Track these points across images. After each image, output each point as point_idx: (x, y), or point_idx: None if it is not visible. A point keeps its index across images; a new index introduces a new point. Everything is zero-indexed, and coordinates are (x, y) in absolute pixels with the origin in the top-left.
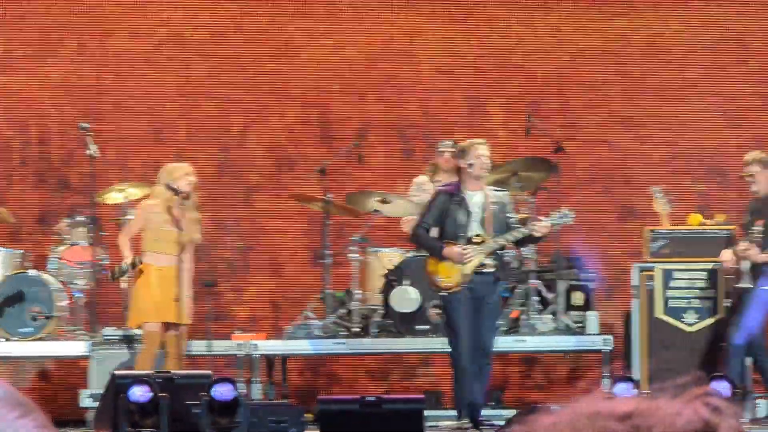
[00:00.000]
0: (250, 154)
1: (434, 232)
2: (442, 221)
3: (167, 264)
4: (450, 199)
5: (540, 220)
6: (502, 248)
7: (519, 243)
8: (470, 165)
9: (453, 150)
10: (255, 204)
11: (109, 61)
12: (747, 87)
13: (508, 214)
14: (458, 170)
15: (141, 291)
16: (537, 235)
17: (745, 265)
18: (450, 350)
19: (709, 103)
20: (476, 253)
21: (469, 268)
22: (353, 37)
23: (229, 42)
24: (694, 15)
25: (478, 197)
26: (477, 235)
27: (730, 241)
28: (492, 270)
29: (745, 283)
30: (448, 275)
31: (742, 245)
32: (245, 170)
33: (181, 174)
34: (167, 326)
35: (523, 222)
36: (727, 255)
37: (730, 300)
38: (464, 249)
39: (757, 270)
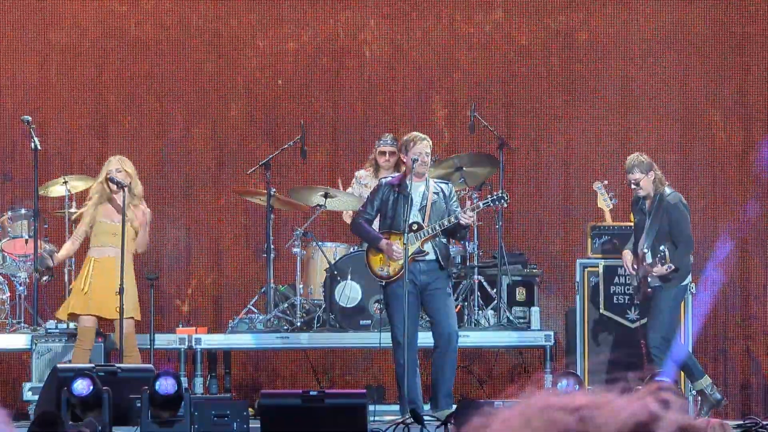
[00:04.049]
0: (193, 148)
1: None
2: (384, 211)
3: (107, 255)
4: (392, 190)
5: (468, 209)
6: (441, 234)
7: (452, 234)
8: (413, 161)
9: (393, 148)
10: (197, 198)
11: (51, 54)
12: (690, 83)
13: (452, 206)
14: (401, 161)
15: (75, 283)
16: (463, 223)
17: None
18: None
19: (651, 99)
20: (412, 241)
21: (400, 263)
22: (296, 32)
23: (173, 35)
24: (637, 11)
25: (420, 188)
26: (414, 223)
27: (628, 241)
28: (432, 257)
29: (653, 283)
30: (387, 265)
31: (648, 265)
32: (187, 164)
33: (113, 165)
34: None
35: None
36: (628, 257)
37: (638, 298)
38: (397, 244)
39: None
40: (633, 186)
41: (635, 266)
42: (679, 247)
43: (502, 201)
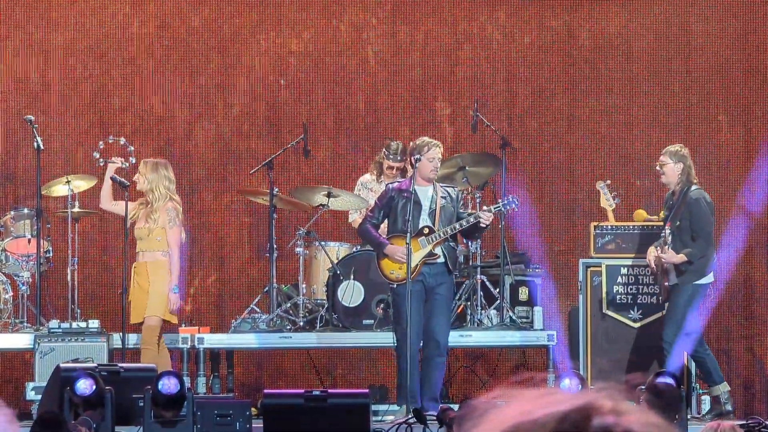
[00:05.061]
0: (195, 148)
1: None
2: (393, 215)
3: (137, 261)
4: (400, 194)
5: (486, 211)
6: (453, 237)
7: (467, 234)
8: (416, 160)
9: (401, 165)
10: (200, 198)
11: (54, 54)
12: (691, 83)
13: (460, 209)
14: (410, 164)
15: None
16: (483, 225)
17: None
18: (395, 344)
19: (654, 98)
20: (424, 245)
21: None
22: (300, 31)
23: (175, 35)
24: (639, 11)
25: (428, 192)
26: (426, 227)
27: (653, 239)
28: (442, 260)
29: (672, 281)
30: (398, 268)
31: (657, 252)
32: (191, 164)
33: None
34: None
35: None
36: (651, 254)
37: (662, 297)
38: (403, 249)
39: (679, 267)
40: (658, 168)
41: (656, 263)
42: (697, 242)
43: (513, 205)
